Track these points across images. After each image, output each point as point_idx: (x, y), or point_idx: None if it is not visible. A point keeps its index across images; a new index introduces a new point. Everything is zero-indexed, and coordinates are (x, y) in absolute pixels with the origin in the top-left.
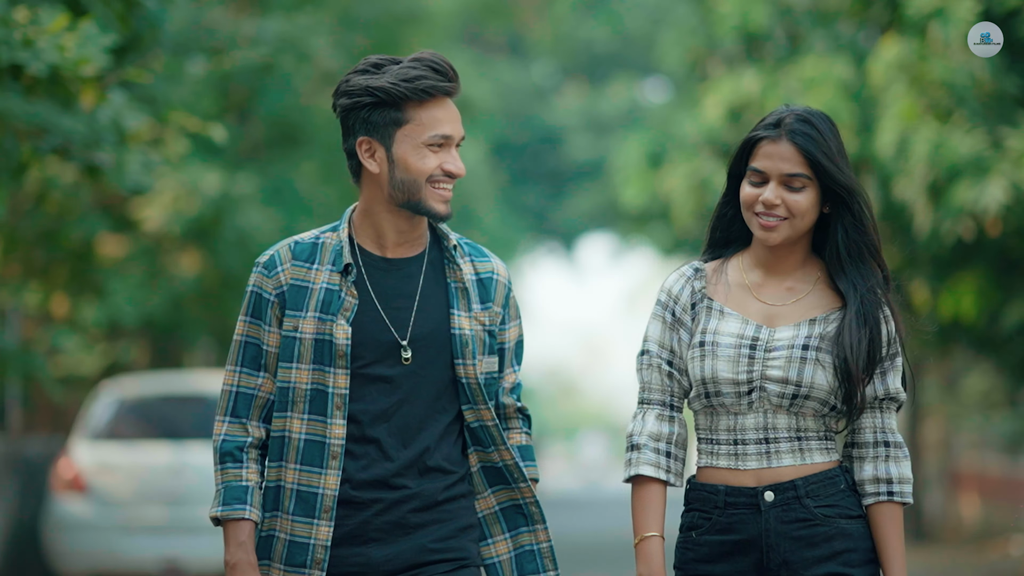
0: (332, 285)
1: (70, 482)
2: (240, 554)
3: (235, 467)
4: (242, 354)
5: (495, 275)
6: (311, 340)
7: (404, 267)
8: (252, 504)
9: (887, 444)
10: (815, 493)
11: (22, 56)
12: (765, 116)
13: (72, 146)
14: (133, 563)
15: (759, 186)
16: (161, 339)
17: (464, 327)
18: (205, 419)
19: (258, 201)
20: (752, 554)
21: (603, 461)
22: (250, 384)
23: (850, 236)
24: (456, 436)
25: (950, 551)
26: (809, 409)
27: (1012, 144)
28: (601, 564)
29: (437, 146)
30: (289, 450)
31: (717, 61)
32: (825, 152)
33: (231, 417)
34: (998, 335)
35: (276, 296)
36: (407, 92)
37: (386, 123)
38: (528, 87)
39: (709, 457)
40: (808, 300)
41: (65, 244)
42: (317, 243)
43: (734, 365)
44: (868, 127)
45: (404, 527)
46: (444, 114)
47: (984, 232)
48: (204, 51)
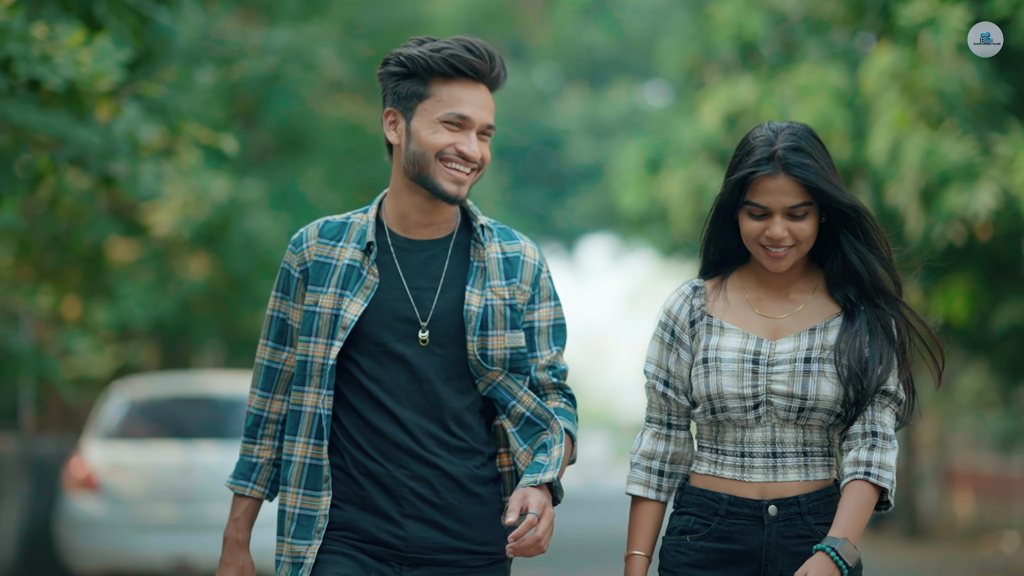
0: (354, 262)
1: (82, 481)
2: (230, 530)
3: (249, 443)
4: (271, 328)
5: (523, 255)
6: (329, 315)
7: (429, 248)
8: (256, 482)
9: (875, 435)
10: (816, 510)
11: (40, 71)
12: (751, 142)
13: (88, 157)
14: (144, 560)
15: (761, 219)
16: (170, 341)
17: (472, 303)
18: (214, 419)
19: (265, 206)
20: (749, 565)
21: (604, 459)
22: (276, 358)
23: (860, 254)
24: (481, 416)
25: (944, 548)
26: (816, 420)
27: (1002, 150)
28: (602, 560)
29: (455, 125)
30: (303, 424)
31: (714, 69)
32: (823, 177)
33: (259, 390)
34: (989, 336)
35: (301, 272)
36: (432, 64)
37: (409, 95)
38: (530, 91)
39: (712, 466)
40: (807, 309)
41: (77, 248)
42: (347, 223)
43: (739, 380)
44: (861, 134)
45: (435, 506)
46: (468, 95)
47: (975, 236)
48: (213, 60)
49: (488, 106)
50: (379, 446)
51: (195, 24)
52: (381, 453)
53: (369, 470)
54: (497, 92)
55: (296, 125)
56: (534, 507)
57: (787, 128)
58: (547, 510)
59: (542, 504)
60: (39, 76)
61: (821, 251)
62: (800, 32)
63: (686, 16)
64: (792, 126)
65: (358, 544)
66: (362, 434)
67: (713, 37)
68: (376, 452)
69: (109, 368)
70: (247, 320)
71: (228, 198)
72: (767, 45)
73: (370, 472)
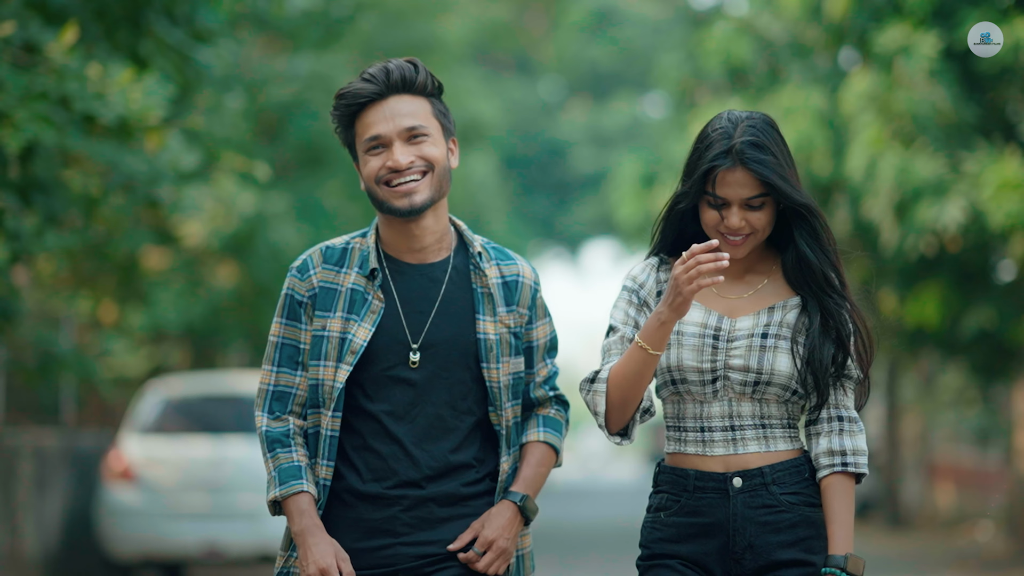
0: (358, 287)
1: (120, 472)
2: (304, 521)
3: (285, 452)
4: (279, 354)
5: (520, 277)
6: (337, 339)
7: (428, 272)
8: (308, 479)
9: (841, 419)
10: (781, 480)
11: (95, 107)
12: (711, 135)
13: (136, 183)
14: (177, 546)
15: (720, 208)
16: (200, 343)
17: (489, 332)
18: (242, 415)
19: (289, 218)
20: (718, 537)
21: (603, 454)
22: (290, 383)
23: (812, 250)
24: (483, 437)
25: (924, 537)
26: (772, 395)
27: (969, 168)
28: (601, 549)
29: (375, 148)
30: (321, 447)
31: (705, 90)
32: (779, 173)
33: (269, 414)
34: (960, 339)
35: (308, 298)
36: (340, 110)
37: (350, 144)
38: (535, 104)
39: (677, 444)
40: (765, 290)
41: (113, 257)
42: (347, 248)
43: (699, 354)
44: (840, 151)
45: (430, 521)
46: (375, 116)
47: (945, 247)
48: (242, 85)
49: (403, 111)
50: (375, 468)
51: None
52: (377, 475)
53: (366, 492)
54: (420, 91)
55: (316, 142)
56: (478, 544)
57: (746, 119)
58: (496, 544)
59: (488, 541)
60: (94, 112)
61: (779, 236)
62: (785, 56)
63: (682, 35)
64: (752, 116)
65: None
66: (359, 456)
67: (704, 62)
68: (371, 474)
69: (144, 368)
70: (271, 323)
71: (254, 211)
72: (754, 69)
73: (366, 495)
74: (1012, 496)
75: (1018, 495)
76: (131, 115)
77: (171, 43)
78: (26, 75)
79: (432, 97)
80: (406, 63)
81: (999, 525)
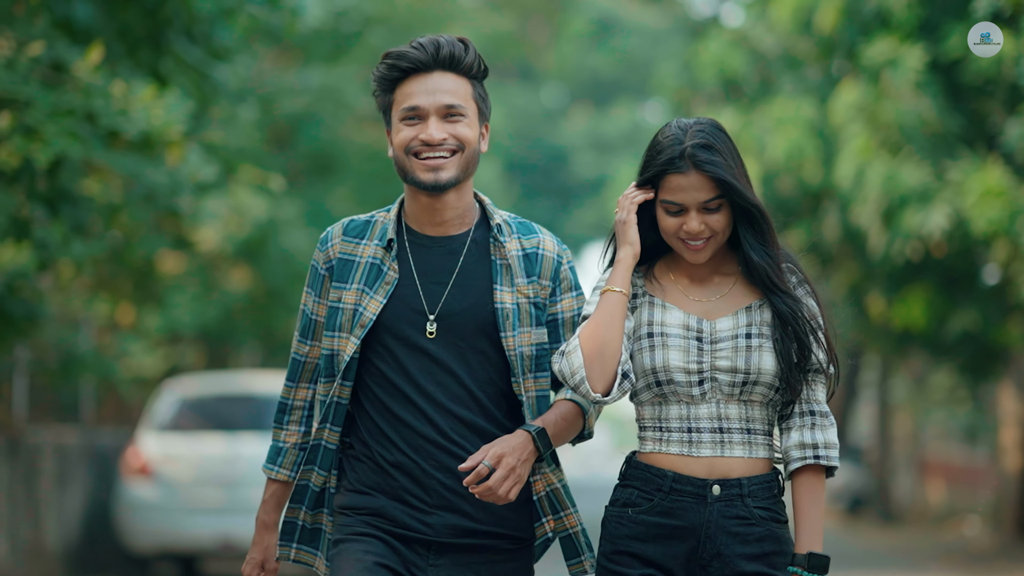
0: (375, 259)
1: (138, 469)
2: (260, 512)
3: (277, 428)
4: (300, 322)
5: (541, 249)
6: (351, 311)
7: (446, 244)
8: (281, 465)
9: (813, 413)
10: (755, 494)
11: (119, 122)
12: (661, 142)
13: (157, 194)
14: (193, 539)
15: (677, 215)
16: (214, 344)
17: (507, 301)
18: (255, 414)
19: (299, 224)
20: (688, 541)
21: (604, 450)
22: (301, 351)
23: (756, 252)
24: (508, 407)
25: (915, 532)
26: (758, 396)
27: (954, 176)
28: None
29: (412, 119)
30: (323, 411)
31: (700, 100)
32: (731, 173)
33: (288, 381)
34: (946, 341)
35: (326, 269)
36: (384, 72)
37: (385, 109)
38: (538, 110)
39: (657, 444)
40: (736, 290)
41: (130, 262)
42: (370, 221)
43: (685, 355)
44: (830, 160)
45: (461, 495)
46: (417, 87)
47: (930, 252)
48: (256, 97)
49: (445, 88)
50: (406, 437)
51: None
52: (408, 444)
53: (397, 461)
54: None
55: (326, 151)
56: (488, 458)
57: (695, 125)
58: (505, 460)
59: (498, 456)
60: (118, 127)
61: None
62: (777, 68)
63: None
64: (700, 122)
65: (388, 529)
66: (390, 425)
67: (699, 74)
68: (403, 443)
69: (160, 368)
70: (283, 325)
71: (267, 217)
72: (748, 80)
73: (398, 463)
74: (998, 492)
75: (1004, 491)
76: (153, 130)
77: (190, 61)
78: (54, 93)
79: (475, 80)
80: (457, 40)
81: (986, 520)
